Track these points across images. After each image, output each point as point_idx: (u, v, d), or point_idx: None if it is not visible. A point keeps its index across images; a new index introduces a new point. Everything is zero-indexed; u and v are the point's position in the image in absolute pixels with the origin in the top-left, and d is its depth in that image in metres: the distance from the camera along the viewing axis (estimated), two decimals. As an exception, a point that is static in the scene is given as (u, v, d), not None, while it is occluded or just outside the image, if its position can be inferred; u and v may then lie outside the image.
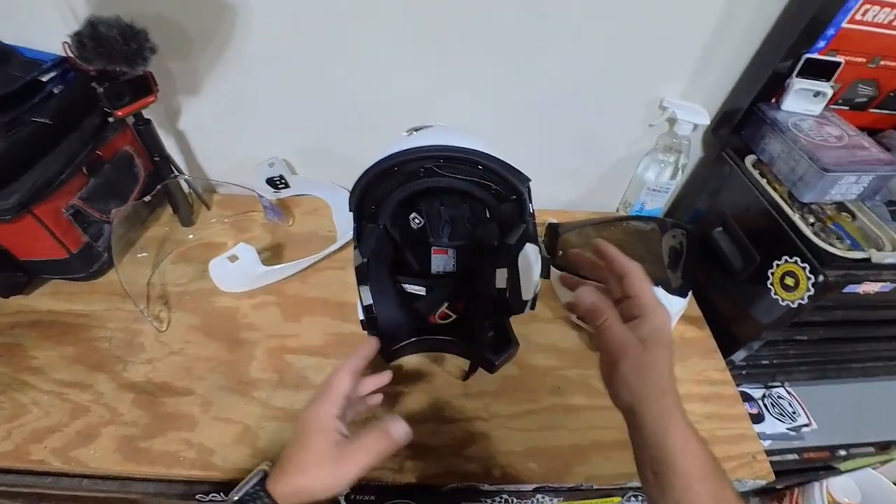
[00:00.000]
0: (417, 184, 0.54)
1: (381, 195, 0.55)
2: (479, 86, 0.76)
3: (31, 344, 0.66)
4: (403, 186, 0.54)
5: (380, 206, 0.56)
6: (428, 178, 0.53)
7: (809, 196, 0.66)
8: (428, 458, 0.59)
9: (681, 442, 0.37)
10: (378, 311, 0.58)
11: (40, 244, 0.65)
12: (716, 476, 0.36)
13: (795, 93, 0.71)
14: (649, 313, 0.42)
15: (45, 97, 0.65)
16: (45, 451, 0.57)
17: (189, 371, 0.64)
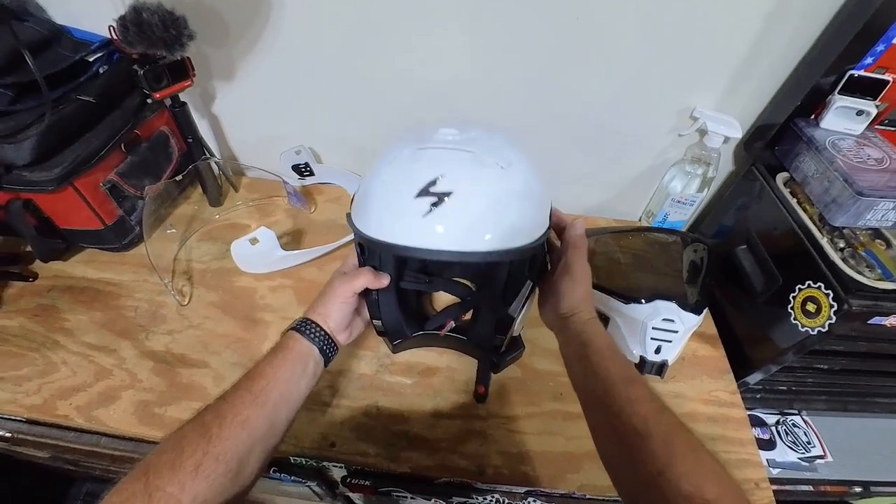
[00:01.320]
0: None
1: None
2: (509, 83, 0.76)
3: (64, 307, 0.70)
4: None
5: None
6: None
7: (841, 220, 0.63)
8: (423, 451, 0.60)
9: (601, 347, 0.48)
10: (382, 312, 0.58)
11: (78, 215, 0.69)
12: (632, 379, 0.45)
13: (836, 110, 0.68)
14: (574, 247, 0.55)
15: (90, 77, 0.69)
16: (70, 407, 0.61)
17: (206, 345, 0.68)
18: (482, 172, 0.48)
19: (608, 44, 0.69)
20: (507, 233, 0.48)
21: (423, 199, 0.46)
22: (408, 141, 0.51)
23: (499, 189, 0.48)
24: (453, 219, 0.46)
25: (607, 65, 0.72)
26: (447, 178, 0.46)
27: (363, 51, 0.74)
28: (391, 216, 0.48)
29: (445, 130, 0.50)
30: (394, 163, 0.50)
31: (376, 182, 0.51)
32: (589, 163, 0.86)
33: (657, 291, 0.66)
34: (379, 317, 0.57)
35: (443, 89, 0.77)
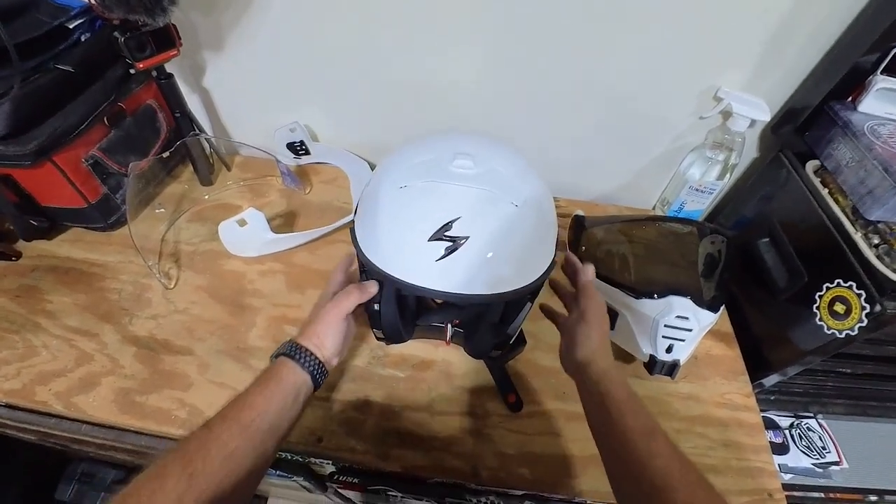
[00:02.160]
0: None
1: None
2: (521, 60, 0.71)
3: (47, 288, 0.68)
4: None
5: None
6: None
7: (877, 213, 0.58)
8: (415, 449, 0.57)
9: (619, 400, 0.45)
10: (383, 323, 0.55)
11: (59, 192, 0.66)
12: (653, 431, 0.43)
13: (877, 92, 0.62)
14: (587, 295, 0.54)
15: (70, 45, 0.65)
16: (48, 393, 0.59)
17: (191, 331, 0.65)
18: (498, 214, 0.48)
19: (628, 17, 0.64)
20: (519, 272, 0.49)
21: (437, 242, 0.46)
22: (419, 167, 0.50)
23: (513, 230, 0.48)
24: (466, 265, 0.46)
25: (625, 40, 0.66)
26: (463, 222, 0.46)
27: (366, 19, 0.69)
28: (404, 255, 0.48)
29: (461, 162, 0.49)
30: (405, 193, 0.49)
31: (386, 209, 0.49)
32: (602, 147, 0.81)
33: (671, 286, 0.61)
34: (380, 327, 0.55)
35: (453, 68, 0.73)
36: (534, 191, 0.51)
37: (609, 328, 0.53)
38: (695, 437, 0.60)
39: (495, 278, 0.47)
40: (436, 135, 0.55)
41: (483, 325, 0.56)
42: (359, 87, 0.78)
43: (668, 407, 0.63)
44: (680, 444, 0.58)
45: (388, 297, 0.54)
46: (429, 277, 0.47)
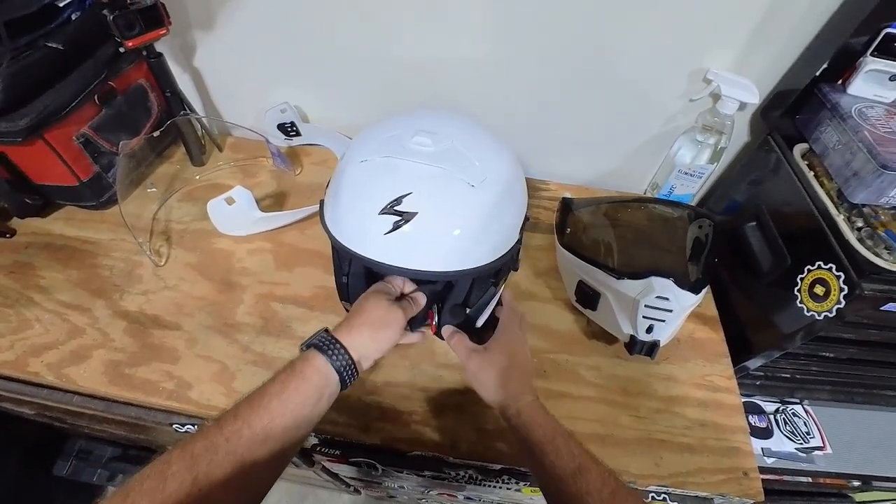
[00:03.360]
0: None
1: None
2: (504, 48, 0.71)
3: (40, 264, 0.69)
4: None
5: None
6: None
7: (861, 196, 0.57)
8: (396, 423, 0.58)
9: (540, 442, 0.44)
10: (351, 295, 0.57)
11: (51, 169, 0.67)
12: (579, 469, 0.42)
13: (867, 74, 0.61)
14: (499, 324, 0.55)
15: (61, 23, 0.66)
16: (41, 364, 0.60)
17: (180, 307, 0.66)
18: (450, 192, 0.48)
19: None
20: (471, 253, 0.49)
21: (386, 216, 0.47)
22: (382, 143, 0.51)
23: (465, 210, 0.48)
24: (415, 241, 0.47)
25: (615, 20, 0.66)
26: (413, 197, 0.47)
27: (354, 6, 0.69)
28: (356, 227, 0.49)
29: (420, 139, 0.49)
30: (364, 167, 0.50)
31: (347, 183, 0.51)
32: (591, 129, 0.81)
33: (652, 267, 0.61)
34: (348, 299, 0.57)
35: (446, 48, 0.73)
36: (498, 172, 0.51)
37: (523, 358, 0.52)
38: (672, 417, 0.61)
39: (445, 256, 0.48)
40: (409, 112, 0.55)
41: (445, 306, 0.56)
42: (350, 68, 0.78)
43: (647, 387, 0.63)
44: (657, 423, 0.60)
45: (356, 271, 0.56)
46: (378, 251, 0.48)
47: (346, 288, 0.57)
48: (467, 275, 0.49)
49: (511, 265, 0.57)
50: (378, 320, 0.49)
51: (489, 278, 0.54)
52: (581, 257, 0.66)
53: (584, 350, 0.66)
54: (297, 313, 0.66)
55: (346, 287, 0.56)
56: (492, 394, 0.49)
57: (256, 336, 0.64)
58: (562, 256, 0.70)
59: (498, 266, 0.52)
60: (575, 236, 0.72)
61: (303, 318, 0.66)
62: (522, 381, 0.50)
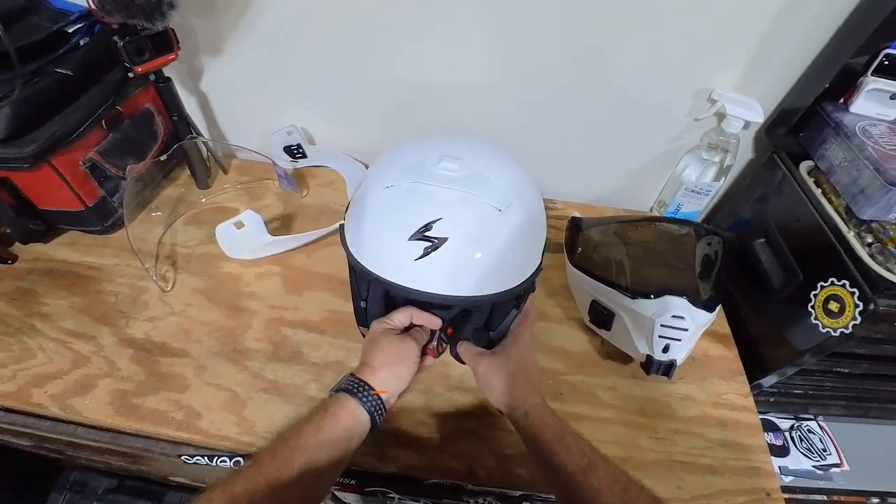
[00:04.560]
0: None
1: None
2: (511, 69, 0.72)
3: (43, 291, 0.68)
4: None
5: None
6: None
7: (870, 212, 0.58)
8: (412, 450, 0.57)
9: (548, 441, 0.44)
10: (368, 310, 0.57)
11: (57, 194, 0.66)
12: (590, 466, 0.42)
13: (868, 93, 0.63)
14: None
15: (70, 49, 0.66)
16: (44, 395, 0.58)
17: (188, 333, 0.65)
18: (479, 217, 0.48)
19: (623, 19, 0.64)
20: (498, 277, 0.49)
21: (417, 242, 0.47)
22: (406, 168, 0.51)
23: (494, 234, 0.49)
24: (445, 266, 0.47)
25: (621, 42, 0.67)
26: (443, 223, 0.47)
27: (365, 22, 0.70)
28: (385, 253, 0.49)
29: (446, 164, 0.50)
30: (390, 193, 0.50)
31: (372, 208, 0.51)
32: (597, 148, 0.82)
33: (667, 286, 0.61)
34: (366, 324, 0.57)
35: (451, 69, 0.73)
36: (521, 196, 0.51)
37: (530, 363, 0.53)
38: (692, 438, 0.60)
39: (475, 281, 0.48)
40: (428, 136, 0.56)
41: (467, 329, 0.56)
42: (356, 91, 0.78)
43: (665, 407, 0.63)
44: (677, 444, 0.59)
45: (375, 296, 0.55)
46: (408, 276, 0.48)
47: (365, 313, 0.56)
48: (496, 299, 0.49)
49: (532, 287, 0.57)
50: (396, 356, 0.51)
51: (511, 301, 0.54)
52: (594, 277, 0.66)
53: (599, 371, 0.65)
54: (307, 338, 0.65)
55: (365, 312, 0.56)
56: (500, 396, 0.50)
57: (267, 362, 0.62)
58: (573, 276, 0.70)
59: (524, 288, 0.52)
60: (586, 255, 0.72)
61: (314, 342, 0.65)
62: (531, 384, 0.50)
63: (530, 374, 0.51)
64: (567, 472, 0.42)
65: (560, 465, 0.42)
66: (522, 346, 0.53)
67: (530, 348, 0.54)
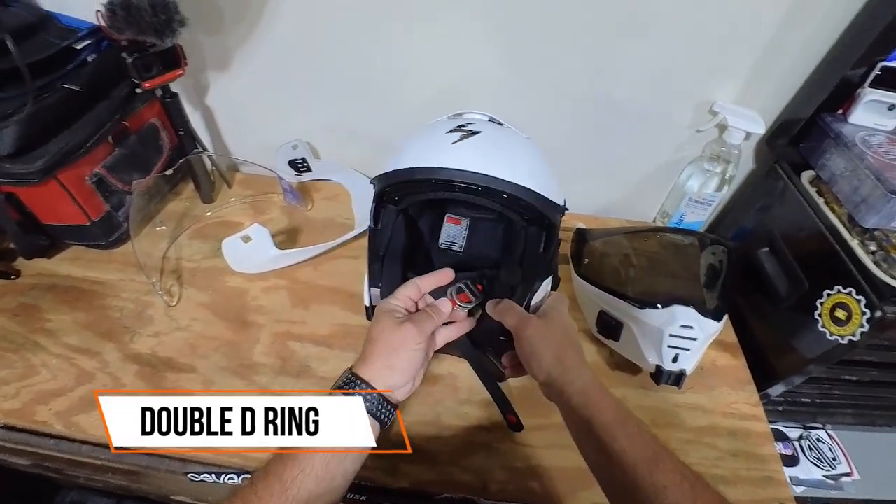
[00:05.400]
0: (449, 193, 0.51)
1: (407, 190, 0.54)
2: (522, 74, 0.73)
3: (47, 307, 0.67)
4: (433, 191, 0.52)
5: (404, 196, 0.54)
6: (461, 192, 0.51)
7: (873, 221, 0.59)
8: (423, 464, 0.56)
9: (608, 424, 0.40)
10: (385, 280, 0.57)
11: (63, 209, 0.66)
12: (656, 457, 0.38)
13: (866, 104, 0.64)
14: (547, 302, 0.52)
15: (78, 65, 0.66)
16: (49, 412, 0.57)
17: (194, 348, 0.64)
18: (508, 132, 0.54)
19: (625, 32, 0.66)
20: (528, 176, 0.48)
21: (454, 133, 0.49)
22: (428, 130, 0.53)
23: (523, 145, 0.52)
24: (481, 148, 0.48)
25: (623, 55, 0.68)
26: (477, 126, 0.50)
27: (369, 40, 0.71)
28: (422, 148, 0.50)
29: (474, 111, 0.56)
30: (427, 126, 0.54)
31: (409, 137, 0.54)
32: (600, 159, 0.83)
33: (674, 296, 0.62)
34: (379, 284, 0.57)
35: (455, 82, 0.74)
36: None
37: (576, 338, 0.49)
38: (703, 448, 0.60)
39: (514, 170, 0.48)
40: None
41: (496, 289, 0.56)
42: (361, 105, 0.79)
43: (675, 417, 0.62)
44: (689, 455, 0.59)
45: (395, 247, 0.56)
46: (449, 159, 0.47)
47: (381, 271, 0.56)
48: (530, 196, 0.48)
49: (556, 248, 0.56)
50: (388, 345, 0.46)
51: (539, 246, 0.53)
52: (601, 287, 0.66)
53: (609, 381, 0.65)
54: (315, 352, 0.65)
55: (381, 270, 0.56)
56: (547, 367, 0.45)
57: (275, 377, 0.62)
58: (580, 287, 0.70)
59: (553, 209, 0.50)
60: (592, 266, 0.72)
61: (322, 356, 0.64)
62: (580, 358, 0.46)
63: (578, 348, 0.48)
64: (628, 463, 0.37)
65: (620, 455, 0.38)
66: (565, 317, 0.50)
67: (572, 323, 0.50)
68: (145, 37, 0.61)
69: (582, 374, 0.44)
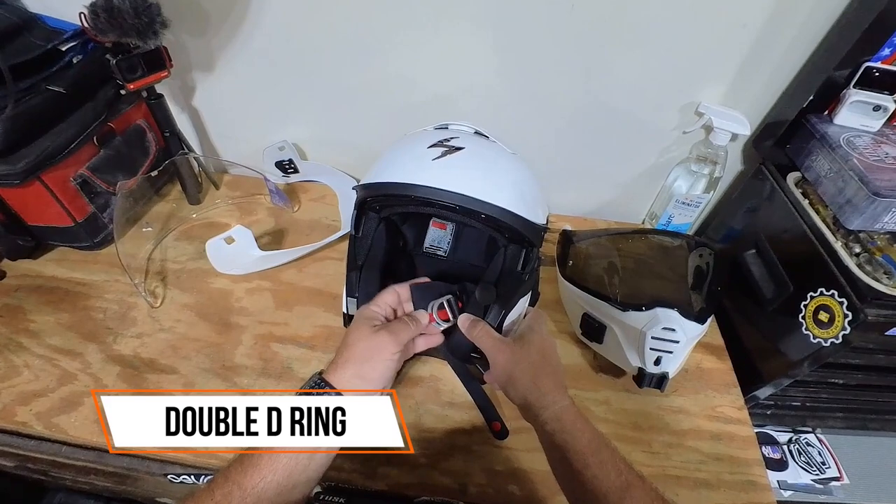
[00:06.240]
0: (428, 209, 0.52)
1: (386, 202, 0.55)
2: (507, 76, 0.72)
3: (31, 307, 0.67)
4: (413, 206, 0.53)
5: (385, 206, 0.55)
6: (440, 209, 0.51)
7: (857, 223, 0.58)
8: (402, 466, 0.56)
9: (581, 452, 0.41)
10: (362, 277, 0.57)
11: (47, 211, 0.66)
12: (626, 486, 0.38)
13: (851, 105, 0.63)
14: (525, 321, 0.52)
15: (63, 66, 0.66)
16: (29, 413, 0.58)
17: (176, 350, 0.64)
18: (493, 147, 0.53)
19: (611, 34, 0.66)
20: (510, 197, 0.48)
21: (436, 148, 0.49)
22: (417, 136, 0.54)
23: (506, 162, 0.52)
24: (462, 167, 0.48)
25: (610, 57, 0.68)
26: (461, 140, 0.50)
27: (355, 41, 0.71)
28: (404, 161, 0.50)
29: (461, 123, 0.56)
30: (411, 135, 0.55)
31: (392, 146, 0.54)
32: (588, 161, 0.82)
33: (657, 298, 0.61)
34: (356, 294, 0.57)
35: (441, 86, 0.74)
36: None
37: (555, 359, 0.49)
38: (686, 452, 0.59)
39: (490, 187, 0.47)
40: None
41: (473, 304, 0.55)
42: (348, 106, 0.79)
43: (658, 420, 0.62)
44: (671, 459, 0.58)
45: (373, 259, 0.56)
46: (427, 176, 0.47)
47: (358, 281, 0.56)
48: (507, 217, 0.47)
49: (535, 268, 0.57)
50: (361, 354, 0.45)
51: (517, 265, 0.54)
52: (585, 290, 0.65)
53: (592, 384, 0.65)
54: (297, 354, 0.64)
55: (359, 281, 0.56)
56: (523, 391, 0.45)
57: (256, 379, 0.62)
58: (565, 289, 0.70)
59: (533, 228, 0.50)
60: (577, 268, 0.72)
61: (303, 358, 0.64)
62: (557, 382, 0.46)
63: (556, 371, 0.47)
64: (600, 491, 0.38)
65: (592, 482, 0.38)
66: (544, 339, 0.49)
67: (551, 342, 0.50)
68: (128, 39, 0.61)
69: (557, 400, 0.44)
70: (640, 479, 0.39)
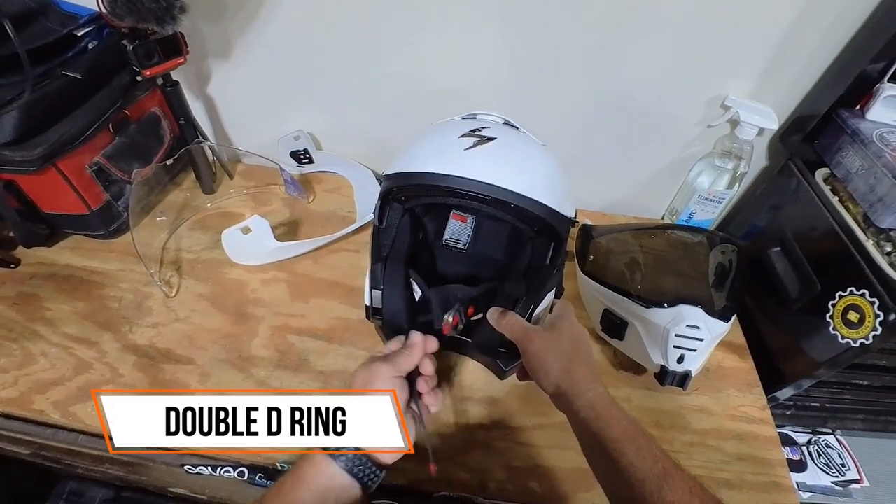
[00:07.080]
0: (457, 200, 0.51)
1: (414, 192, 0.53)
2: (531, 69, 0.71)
3: (46, 295, 0.67)
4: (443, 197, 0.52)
5: (411, 197, 0.54)
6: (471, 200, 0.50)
7: (889, 220, 0.57)
8: (421, 461, 0.55)
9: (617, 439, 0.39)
10: (385, 304, 0.56)
11: (62, 198, 0.65)
12: (664, 473, 0.37)
13: (885, 100, 0.62)
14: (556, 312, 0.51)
15: (79, 52, 0.65)
16: (46, 402, 0.57)
17: (192, 340, 0.63)
18: (524, 137, 0.53)
19: (636, 25, 0.64)
20: (540, 188, 0.48)
21: (467, 138, 0.48)
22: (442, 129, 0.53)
23: (537, 153, 0.51)
24: (495, 157, 0.48)
25: (634, 48, 0.67)
26: (492, 130, 0.49)
27: (371, 32, 0.70)
28: (433, 150, 0.49)
29: (490, 112, 0.55)
30: (438, 124, 0.53)
31: (420, 136, 0.53)
32: (610, 155, 0.81)
33: (681, 295, 0.60)
34: (380, 286, 0.56)
35: (458, 78, 0.73)
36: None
37: (588, 348, 0.48)
38: (708, 451, 0.58)
39: (528, 181, 0.47)
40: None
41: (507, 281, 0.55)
42: (364, 96, 0.78)
43: (679, 419, 0.61)
44: (693, 458, 0.57)
45: (397, 252, 0.55)
46: (458, 166, 0.46)
47: (384, 274, 0.55)
48: (538, 209, 0.47)
49: (562, 262, 0.55)
50: (359, 382, 0.43)
51: (546, 256, 0.53)
52: (606, 285, 0.64)
53: (613, 381, 0.64)
54: (314, 346, 0.64)
55: (384, 273, 0.55)
56: (556, 379, 0.44)
57: (273, 370, 0.61)
58: (585, 284, 0.69)
59: (561, 221, 0.49)
60: (597, 264, 0.71)
61: (320, 350, 0.63)
62: (590, 370, 0.45)
63: (588, 359, 0.46)
64: (636, 478, 0.36)
65: (628, 469, 0.37)
66: (575, 326, 0.48)
67: (582, 331, 0.49)
68: (146, 24, 0.60)
69: (591, 387, 0.43)
70: (678, 468, 0.38)
